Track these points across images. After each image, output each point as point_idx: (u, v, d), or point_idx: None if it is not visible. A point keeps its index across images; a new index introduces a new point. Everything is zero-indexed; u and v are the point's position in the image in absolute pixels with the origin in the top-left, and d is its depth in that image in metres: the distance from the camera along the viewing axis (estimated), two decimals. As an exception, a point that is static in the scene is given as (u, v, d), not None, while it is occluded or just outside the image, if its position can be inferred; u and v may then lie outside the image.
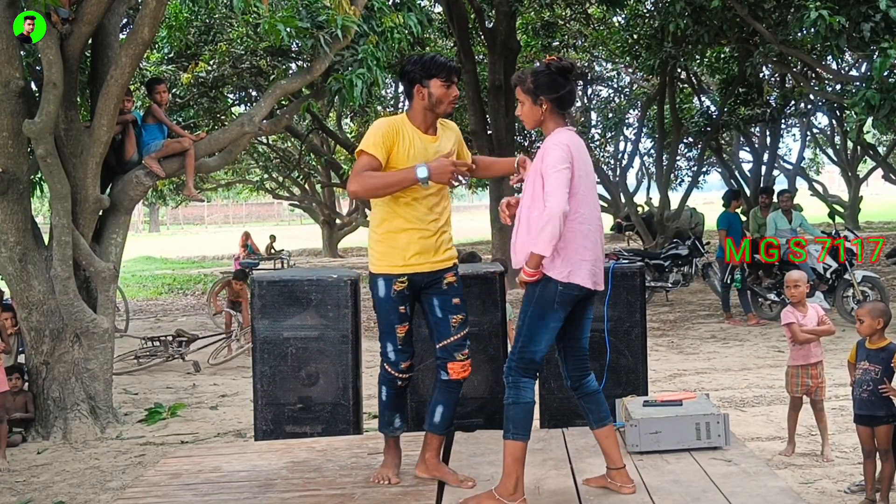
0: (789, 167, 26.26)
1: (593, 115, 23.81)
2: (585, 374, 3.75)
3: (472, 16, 15.52)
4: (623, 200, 22.37)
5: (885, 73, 9.08)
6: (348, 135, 21.74)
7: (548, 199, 3.41)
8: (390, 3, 8.47)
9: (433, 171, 3.61)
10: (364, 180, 3.64)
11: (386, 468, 3.94)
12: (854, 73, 16.87)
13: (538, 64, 3.65)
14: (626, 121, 23.36)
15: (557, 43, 18.62)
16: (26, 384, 6.88)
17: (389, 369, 3.86)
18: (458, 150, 3.93)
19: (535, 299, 3.52)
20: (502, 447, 3.56)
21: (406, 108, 3.95)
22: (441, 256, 3.83)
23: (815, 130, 27.48)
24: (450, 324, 3.83)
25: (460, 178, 3.70)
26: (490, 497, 3.56)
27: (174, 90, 12.05)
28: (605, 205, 28.35)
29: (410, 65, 3.80)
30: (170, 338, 9.96)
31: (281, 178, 28.92)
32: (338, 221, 28.72)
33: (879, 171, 25.71)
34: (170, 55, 12.49)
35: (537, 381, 5.09)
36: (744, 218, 12.20)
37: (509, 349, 5.26)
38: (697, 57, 15.33)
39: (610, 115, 22.23)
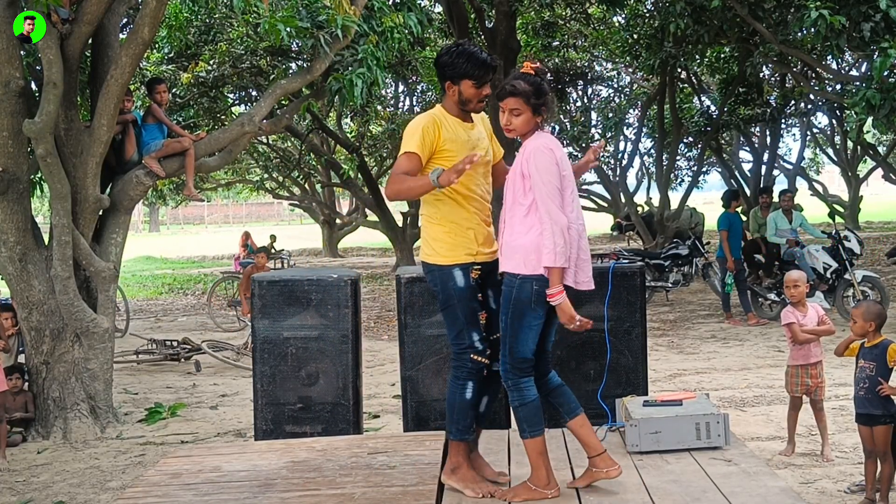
0: (789, 167, 26.25)
1: (593, 115, 23.79)
2: (547, 373, 3.77)
3: (472, 15, 15.51)
4: (623, 200, 22.36)
5: (886, 73, 9.08)
6: (348, 134, 21.74)
7: (551, 214, 3.47)
8: (390, 2, 8.47)
9: (440, 176, 3.58)
10: (393, 186, 3.69)
11: (479, 479, 3.77)
12: (854, 72, 16.88)
13: (527, 73, 3.62)
14: (626, 121, 23.34)
15: (557, 43, 18.62)
16: (26, 384, 6.88)
17: (479, 358, 3.74)
18: (490, 134, 3.95)
19: (513, 300, 3.57)
20: (505, 445, 3.60)
21: (404, 106, 3.95)
22: (496, 246, 3.84)
23: (815, 130, 27.48)
24: (500, 317, 3.76)
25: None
26: (526, 488, 3.64)
27: (174, 90, 12.06)
28: (605, 205, 28.37)
29: (446, 56, 3.75)
30: (174, 343, 9.97)
31: (281, 178, 28.91)
32: (338, 221, 28.72)
33: (879, 171, 25.69)
34: (170, 55, 12.50)
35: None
36: (744, 218, 12.20)
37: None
38: (697, 57, 15.33)
39: (610, 114, 22.20)
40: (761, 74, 16.50)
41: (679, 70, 16.63)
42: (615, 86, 24.01)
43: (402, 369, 4.87)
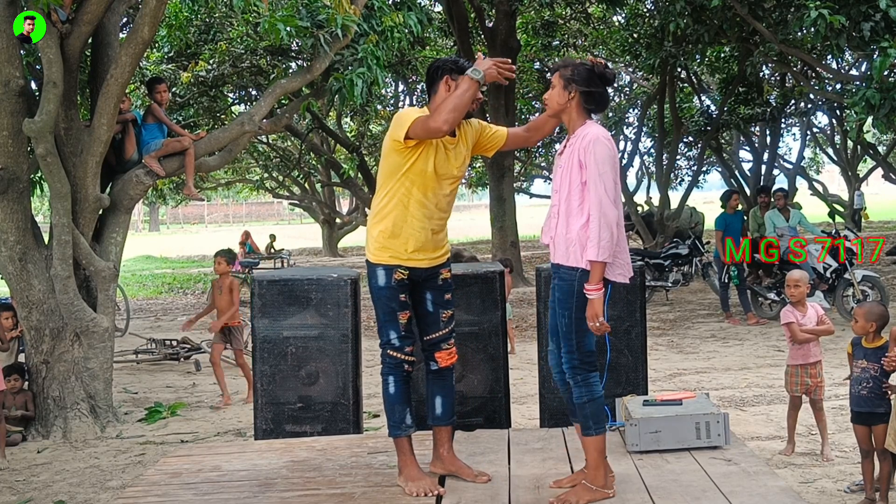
0: (789, 166, 26.24)
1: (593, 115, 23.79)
2: None
3: (472, 15, 15.52)
4: (623, 200, 22.36)
5: (885, 73, 9.08)
6: (348, 134, 21.74)
7: (602, 206, 3.45)
8: (390, 2, 8.47)
9: (485, 71, 3.63)
10: (442, 112, 3.57)
11: (422, 480, 3.75)
12: (854, 72, 16.87)
13: (582, 61, 3.71)
14: (627, 120, 23.36)
15: (557, 42, 18.62)
16: (26, 383, 6.88)
17: (395, 353, 3.78)
18: (485, 133, 3.93)
19: (575, 295, 3.54)
20: (505, 445, 3.56)
21: (404, 106, 3.95)
22: (439, 253, 3.87)
23: (815, 130, 27.47)
24: (440, 318, 3.88)
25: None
26: (587, 490, 3.58)
27: (174, 89, 12.05)
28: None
29: (440, 61, 3.86)
30: (174, 342, 9.97)
31: (281, 178, 28.93)
32: (338, 221, 28.71)
33: (879, 171, 25.69)
34: (170, 54, 12.50)
35: (537, 380, 5.13)
36: (745, 218, 12.19)
37: (510, 349, 5.28)
38: (697, 56, 15.32)
39: (610, 114, 22.22)
40: (761, 74, 16.50)
41: (679, 69, 16.63)
42: (615, 85, 23.99)
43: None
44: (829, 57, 14.40)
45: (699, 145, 19.52)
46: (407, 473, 3.79)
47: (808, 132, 27.03)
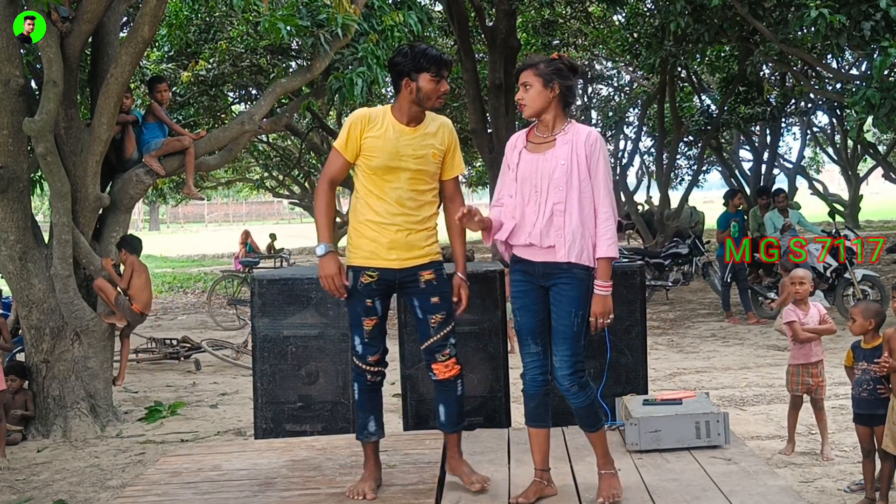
0: (789, 166, 26.27)
1: (593, 114, 23.79)
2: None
3: (473, 14, 15.50)
4: (623, 199, 22.36)
5: (886, 72, 9.07)
6: (348, 133, 21.65)
7: (612, 204, 3.51)
8: (390, 1, 8.46)
9: (321, 262, 3.67)
10: (316, 197, 3.81)
11: (363, 482, 3.75)
12: (854, 71, 16.87)
13: (551, 57, 3.62)
14: (627, 119, 23.35)
15: (558, 41, 18.61)
16: (26, 383, 6.88)
17: (357, 362, 3.75)
18: (447, 158, 3.80)
19: (586, 296, 3.52)
20: (505, 444, 3.54)
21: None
22: (414, 253, 3.72)
23: (815, 129, 27.48)
24: (429, 324, 3.72)
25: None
26: (613, 476, 3.62)
27: (174, 88, 12.04)
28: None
29: (400, 56, 3.70)
30: (174, 341, 9.97)
31: (281, 177, 28.89)
32: (337, 220, 28.65)
33: (879, 170, 25.69)
34: (170, 53, 12.49)
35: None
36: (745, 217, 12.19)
37: (510, 348, 5.28)
38: (698, 55, 15.31)
39: (610, 113, 22.21)
40: (761, 73, 16.50)
41: (679, 69, 16.62)
42: (615, 84, 24.01)
43: (401, 368, 4.87)
44: (829, 56, 14.39)
45: (699, 145, 19.51)
46: (363, 475, 3.80)
47: (809, 132, 27.04)
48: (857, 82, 10.79)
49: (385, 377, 3.82)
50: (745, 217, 11.76)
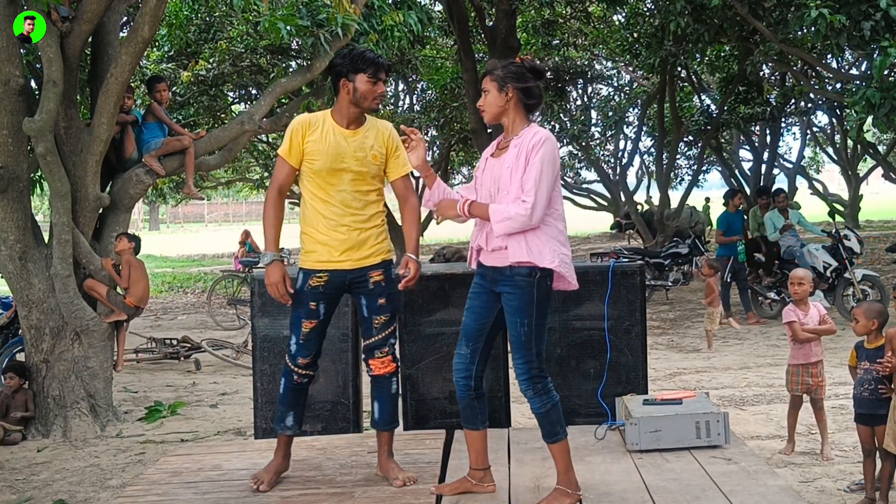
0: (789, 166, 26.26)
1: (593, 114, 23.79)
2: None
3: (473, 14, 15.50)
4: (623, 199, 22.37)
5: (886, 72, 9.08)
6: (348, 133, 21.64)
7: (537, 205, 3.37)
8: (390, 1, 8.46)
9: (267, 270, 3.74)
10: (265, 206, 3.84)
11: (265, 471, 3.89)
12: (854, 71, 16.87)
13: (511, 61, 3.62)
14: (627, 119, 23.35)
15: (558, 41, 18.61)
16: (26, 382, 6.88)
17: (289, 362, 3.87)
18: (390, 160, 3.87)
19: (536, 301, 3.47)
20: (505, 444, 3.55)
21: (404, 105, 3.95)
22: (363, 254, 3.81)
23: (815, 129, 27.47)
24: (372, 324, 3.86)
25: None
26: (565, 494, 3.54)
27: (174, 88, 12.04)
28: (605, 203, 28.38)
29: (339, 58, 3.83)
30: (174, 341, 9.97)
31: (281, 177, 28.83)
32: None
33: (879, 170, 25.69)
34: (170, 53, 12.49)
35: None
36: (745, 217, 12.19)
37: (510, 348, 5.27)
38: (698, 55, 15.31)
39: (610, 113, 22.21)
40: (761, 73, 16.50)
41: (679, 69, 16.62)
42: (615, 84, 24.00)
43: (401, 368, 4.87)
44: (829, 56, 14.39)
45: (699, 144, 19.52)
46: (267, 465, 3.93)
47: (808, 131, 27.04)
48: (857, 82, 10.79)
49: (313, 379, 3.95)
50: (746, 217, 11.77)
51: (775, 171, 22.59)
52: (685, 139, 20.20)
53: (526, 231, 3.44)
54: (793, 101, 17.95)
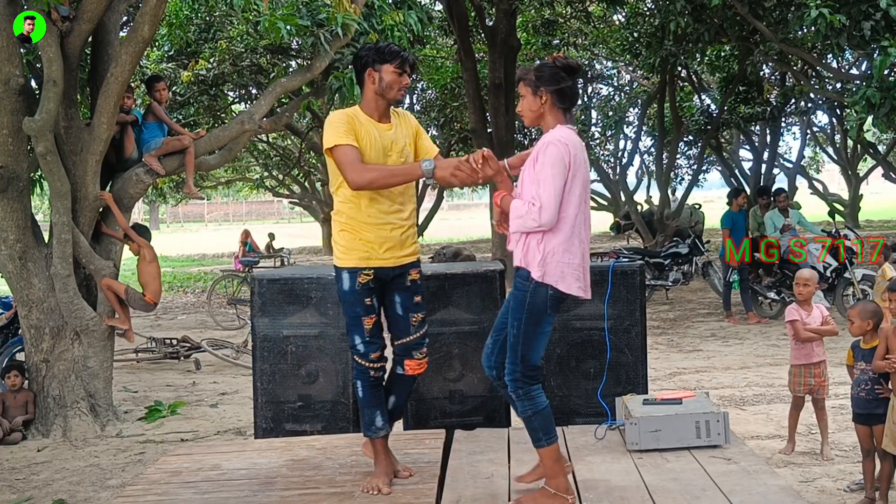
0: (789, 165, 26.26)
1: (593, 114, 23.80)
2: None
3: (473, 14, 15.51)
4: (623, 199, 22.38)
5: (886, 72, 9.08)
6: (348, 133, 21.66)
7: (544, 207, 3.36)
8: (390, 0, 8.46)
9: (438, 167, 3.58)
10: (367, 173, 3.59)
11: (376, 477, 3.79)
12: (854, 71, 16.88)
13: (545, 62, 3.62)
14: (627, 119, 23.37)
15: (558, 41, 18.62)
16: (26, 382, 6.88)
17: (360, 360, 3.79)
18: (418, 143, 3.89)
19: (527, 307, 3.46)
20: (505, 444, 3.55)
21: (404, 104, 3.94)
22: (406, 251, 3.81)
23: (815, 129, 27.48)
24: (410, 322, 3.84)
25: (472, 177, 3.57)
26: (545, 494, 3.53)
27: (174, 88, 12.05)
28: (606, 203, 28.37)
29: (364, 50, 3.83)
30: (174, 341, 9.97)
31: (281, 176, 28.93)
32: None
33: (879, 170, 25.70)
34: (170, 53, 12.50)
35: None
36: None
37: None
38: (698, 55, 15.33)
39: (610, 113, 22.24)
40: (761, 73, 16.52)
41: (679, 68, 16.64)
42: (615, 84, 24.02)
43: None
44: (829, 56, 14.40)
45: (699, 144, 19.53)
46: (374, 471, 3.84)
47: (809, 131, 27.04)
48: (857, 82, 10.79)
49: (386, 371, 3.88)
50: (747, 216, 11.77)
51: (775, 170, 22.60)
52: (685, 139, 20.22)
53: (528, 234, 3.45)
54: (793, 100, 17.96)
